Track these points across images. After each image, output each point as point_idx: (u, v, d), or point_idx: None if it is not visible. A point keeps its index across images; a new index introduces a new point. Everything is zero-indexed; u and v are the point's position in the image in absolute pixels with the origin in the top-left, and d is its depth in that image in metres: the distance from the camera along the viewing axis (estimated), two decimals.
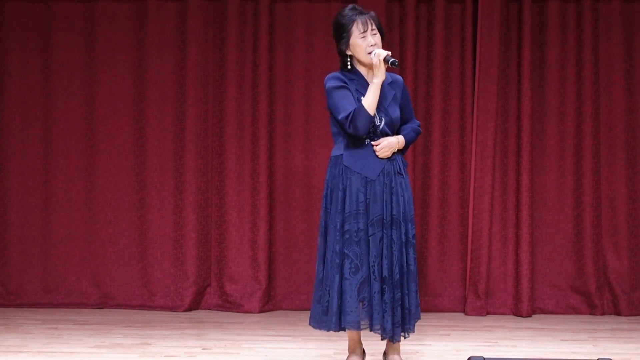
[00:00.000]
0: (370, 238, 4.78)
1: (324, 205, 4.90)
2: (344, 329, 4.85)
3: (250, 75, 6.80)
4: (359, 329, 4.83)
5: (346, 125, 4.79)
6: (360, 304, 4.76)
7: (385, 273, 4.76)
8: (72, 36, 6.85)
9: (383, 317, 4.76)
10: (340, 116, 4.79)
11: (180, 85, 6.84)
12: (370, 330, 4.83)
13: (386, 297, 4.76)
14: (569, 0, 6.75)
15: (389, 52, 4.80)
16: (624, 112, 6.78)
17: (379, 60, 4.76)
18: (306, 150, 6.86)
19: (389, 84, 4.91)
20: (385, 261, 4.77)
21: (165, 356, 5.37)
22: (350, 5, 4.92)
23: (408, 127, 5.01)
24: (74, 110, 6.87)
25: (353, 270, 4.77)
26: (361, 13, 4.86)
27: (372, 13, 4.89)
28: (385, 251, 4.78)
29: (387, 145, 4.84)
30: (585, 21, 6.72)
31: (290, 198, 6.86)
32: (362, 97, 4.81)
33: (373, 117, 4.79)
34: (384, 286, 4.76)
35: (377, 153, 4.83)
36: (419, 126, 5.07)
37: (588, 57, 6.73)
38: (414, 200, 5.58)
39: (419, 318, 4.95)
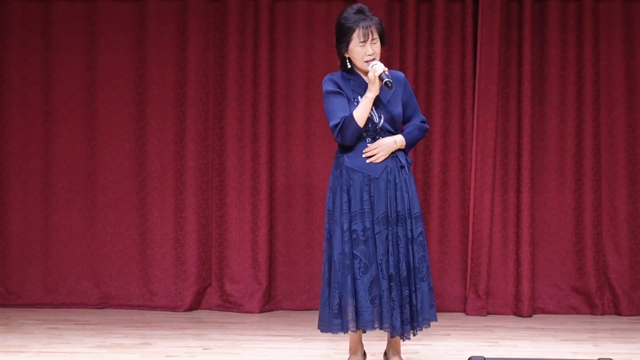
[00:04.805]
0: (376, 236, 4.77)
1: (327, 208, 4.87)
2: (363, 330, 4.87)
3: (250, 75, 6.79)
4: (372, 328, 4.80)
5: (335, 134, 4.79)
6: (372, 303, 4.75)
7: (392, 270, 4.75)
8: (72, 36, 6.85)
9: (392, 314, 4.75)
10: (331, 124, 4.79)
11: (180, 85, 6.84)
12: (380, 329, 4.81)
13: (394, 294, 4.75)
14: (569, 0, 6.75)
15: (386, 70, 4.73)
16: (625, 112, 6.78)
17: (375, 75, 4.70)
18: (307, 150, 6.85)
19: None
20: (391, 258, 4.75)
21: (165, 356, 5.37)
22: (356, 6, 4.82)
23: (411, 125, 4.92)
24: (74, 110, 6.86)
25: (362, 270, 4.76)
26: (365, 19, 4.76)
27: (376, 18, 4.80)
28: (391, 248, 4.76)
29: (382, 148, 4.79)
30: (586, 20, 6.71)
31: (291, 198, 6.86)
32: (359, 97, 4.78)
33: (362, 129, 4.76)
34: (391, 283, 4.75)
35: (370, 160, 4.78)
36: (424, 122, 4.95)
37: (588, 57, 6.72)
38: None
39: (435, 319, 4.89)
